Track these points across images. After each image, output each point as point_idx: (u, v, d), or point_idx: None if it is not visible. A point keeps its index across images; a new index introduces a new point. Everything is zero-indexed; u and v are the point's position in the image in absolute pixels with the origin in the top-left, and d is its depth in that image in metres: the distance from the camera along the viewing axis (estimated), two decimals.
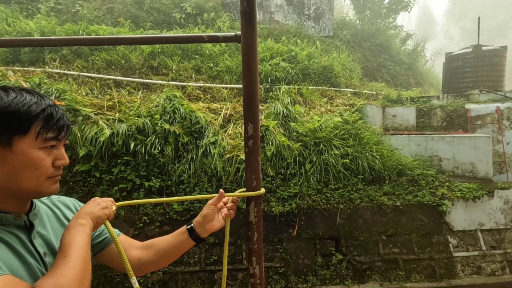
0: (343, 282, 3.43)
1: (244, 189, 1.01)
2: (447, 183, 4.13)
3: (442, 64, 7.08)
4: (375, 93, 6.07)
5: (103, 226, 0.93)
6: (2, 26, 4.90)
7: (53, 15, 5.84)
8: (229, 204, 1.03)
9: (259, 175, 0.97)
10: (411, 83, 9.08)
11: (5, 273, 0.66)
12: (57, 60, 4.67)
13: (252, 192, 0.97)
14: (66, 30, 5.02)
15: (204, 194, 2.98)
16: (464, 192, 3.94)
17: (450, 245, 3.74)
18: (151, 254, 1.04)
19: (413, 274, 3.54)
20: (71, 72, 4.52)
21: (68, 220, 0.93)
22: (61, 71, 4.51)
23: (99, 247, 1.01)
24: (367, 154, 4.06)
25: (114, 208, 0.92)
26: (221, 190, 1.03)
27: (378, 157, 4.07)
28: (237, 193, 1.00)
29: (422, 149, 4.69)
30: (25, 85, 3.65)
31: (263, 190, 0.99)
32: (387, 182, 4.01)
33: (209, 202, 1.03)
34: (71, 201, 1.01)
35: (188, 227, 1.03)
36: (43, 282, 0.67)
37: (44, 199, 0.93)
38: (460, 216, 3.89)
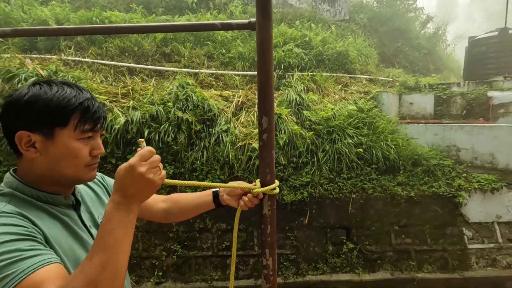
0: (353, 271, 3.45)
1: (259, 183, 0.99)
2: (465, 174, 4.01)
3: (464, 49, 6.74)
4: (391, 79, 5.87)
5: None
6: (19, 13, 4.97)
7: (66, 2, 5.86)
8: (249, 202, 1.03)
9: (273, 169, 0.96)
10: (430, 69, 8.71)
11: (57, 261, 0.71)
12: (72, 48, 4.72)
13: (268, 190, 0.96)
14: (80, 17, 5.04)
15: (223, 183, 3.03)
16: (482, 183, 3.82)
17: (465, 237, 3.68)
18: (176, 209, 1.18)
19: (425, 264, 3.52)
20: (86, 60, 4.57)
21: (94, 191, 1.02)
22: (76, 58, 4.56)
23: None
24: (382, 143, 3.97)
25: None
26: (253, 190, 1.01)
27: (393, 146, 3.98)
28: (258, 189, 0.98)
29: (439, 138, 4.55)
30: (43, 73, 3.72)
31: (277, 190, 0.97)
32: (401, 172, 3.93)
33: (242, 184, 1.05)
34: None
35: (214, 191, 1.14)
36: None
37: None
38: (477, 208, 3.79)
